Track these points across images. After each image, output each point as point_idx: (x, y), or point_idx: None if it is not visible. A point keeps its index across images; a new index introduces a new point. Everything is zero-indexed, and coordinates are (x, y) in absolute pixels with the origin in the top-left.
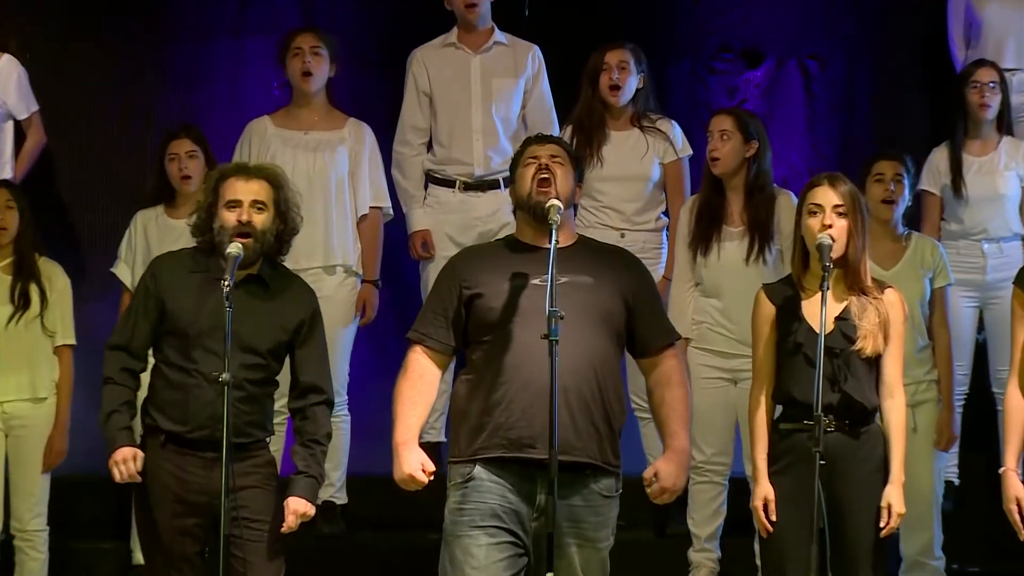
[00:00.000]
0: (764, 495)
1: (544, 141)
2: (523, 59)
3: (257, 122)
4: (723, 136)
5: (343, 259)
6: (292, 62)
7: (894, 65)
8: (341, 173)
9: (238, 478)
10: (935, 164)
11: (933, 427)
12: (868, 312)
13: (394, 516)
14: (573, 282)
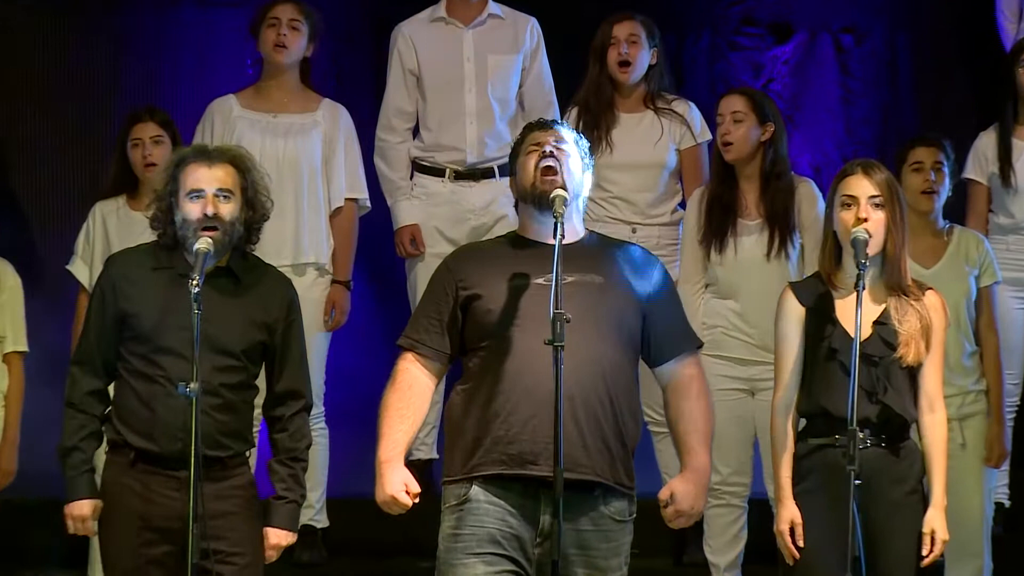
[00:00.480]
0: (791, 518)
1: (547, 126)
2: (520, 33)
3: (221, 101)
4: (735, 118)
5: (315, 257)
6: (266, 32)
7: (937, 39)
8: (314, 160)
9: (214, 502)
10: (982, 150)
11: (982, 442)
12: (909, 315)
13: (379, 541)
14: (581, 282)
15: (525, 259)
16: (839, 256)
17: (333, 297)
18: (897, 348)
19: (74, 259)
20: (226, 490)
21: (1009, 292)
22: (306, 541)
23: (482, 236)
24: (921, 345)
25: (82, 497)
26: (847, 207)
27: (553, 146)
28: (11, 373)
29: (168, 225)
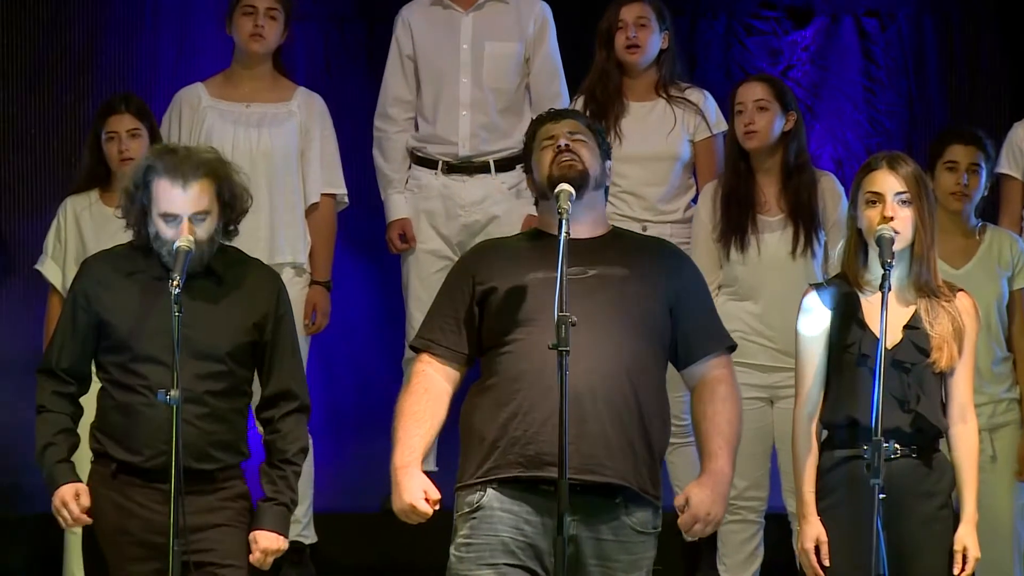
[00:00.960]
0: (815, 535)
1: (559, 116)
2: (525, 18)
3: (188, 90)
4: (759, 106)
5: (292, 255)
6: (241, 20)
7: (968, 23)
8: (289, 153)
9: (204, 515)
10: (1016, 143)
11: (1014, 454)
12: (941, 318)
13: (371, 559)
14: (604, 275)
15: (545, 254)
16: (865, 255)
17: (313, 299)
18: (930, 353)
19: (43, 258)
20: (216, 502)
21: None
22: (293, 558)
23: (475, 234)
24: (954, 349)
25: (66, 482)
26: (872, 204)
27: (568, 138)
28: None
29: (142, 227)
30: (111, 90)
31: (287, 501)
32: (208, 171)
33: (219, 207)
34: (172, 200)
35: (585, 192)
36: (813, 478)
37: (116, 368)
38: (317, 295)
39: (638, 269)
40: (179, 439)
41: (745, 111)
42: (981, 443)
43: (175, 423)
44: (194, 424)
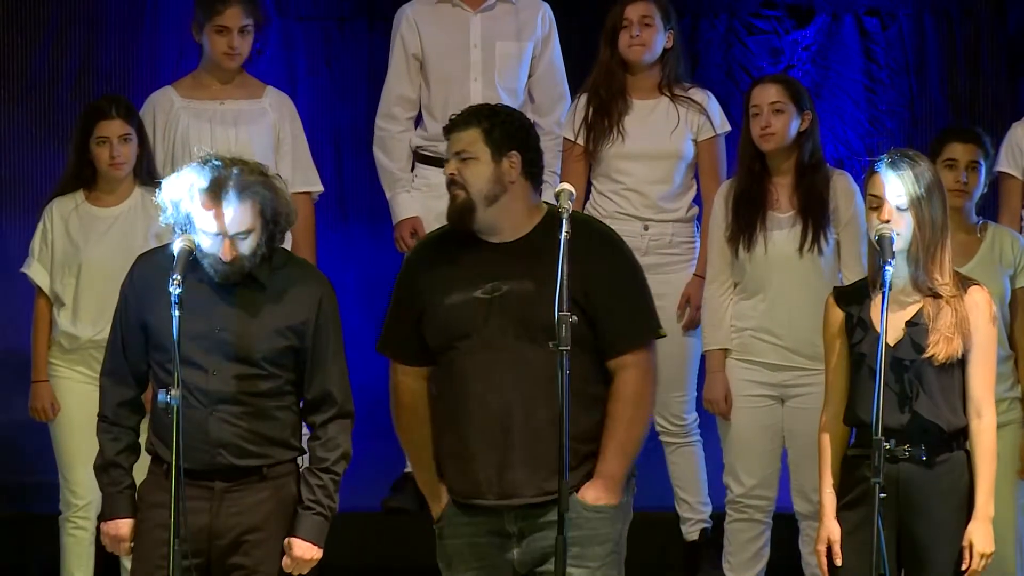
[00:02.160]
0: (827, 536)
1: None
2: (531, 19)
3: (159, 94)
4: (775, 108)
5: None
6: (215, 38)
7: (969, 21)
8: (266, 149)
9: (244, 515)
10: (1016, 142)
11: (1016, 453)
12: (943, 313)
13: (370, 558)
14: (512, 292)
15: (473, 265)
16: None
17: None
18: (926, 349)
19: (30, 261)
20: (261, 503)
21: None
22: None
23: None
24: (955, 342)
25: (121, 516)
26: (873, 208)
27: (454, 164)
28: None
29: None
30: (111, 90)
31: (325, 510)
32: (255, 193)
33: (262, 223)
34: (213, 222)
35: (484, 208)
36: (830, 480)
37: (160, 369)
38: None
39: (548, 279)
40: (180, 440)
41: (761, 113)
42: None
43: (176, 423)
44: (232, 423)
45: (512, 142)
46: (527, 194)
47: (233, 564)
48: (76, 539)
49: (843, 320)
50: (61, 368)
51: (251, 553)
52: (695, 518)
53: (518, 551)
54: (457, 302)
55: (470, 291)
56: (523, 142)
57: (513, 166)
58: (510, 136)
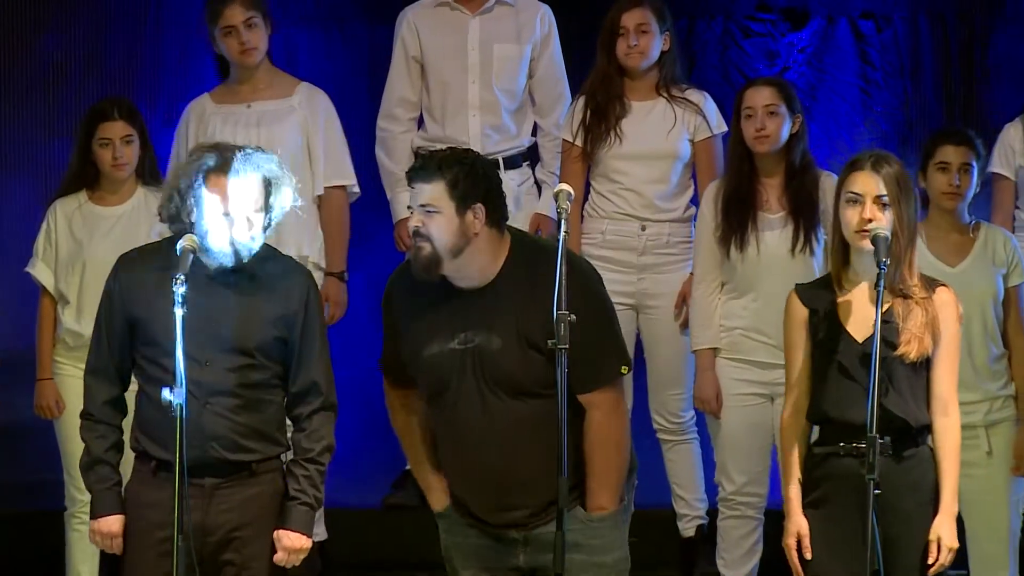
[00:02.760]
0: (797, 530)
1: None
2: (530, 21)
3: (196, 102)
4: (769, 110)
5: (296, 249)
6: (226, 41)
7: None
8: (293, 148)
9: (236, 511)
10: (1008, 143)
11: (1010, 450)
12: (914, 313)
13: (373, 553)
14: (481, 348)
15: (449, 312)
16: (846, 253)
17: (326, 291)
18: (898, 346)
19: (34, 261)
20: (251, 499)
21: None
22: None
23: None
24: (926, 340)
25: (111, 513)
26: (852, 204)
27: (419, 217)
28: None
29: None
30: (115, 91)
31: (311, 500)
32: (262, 167)
33: (265, 207)
34: (227, 195)
35: (450, 260)
36: (796, 475)
37: (150, 364)
38: (331, 286)
39: (511, 332)
40: (183, 437)
41: (755, 115)
42: (977, 439)
43: (179, 421)
44: (226, 416)
45: (476, 194)
46: (492, 239)
47: (224, 560)
48: (81, 534)
49: (807, 316)
50: (65, 366)
51: (241, 550)
52: (691, 515)
53: (524, 555)
54: (435, 353)
55: (447, 342)
56: (487, 191)
57: (477, 218)
58: (474, 187)
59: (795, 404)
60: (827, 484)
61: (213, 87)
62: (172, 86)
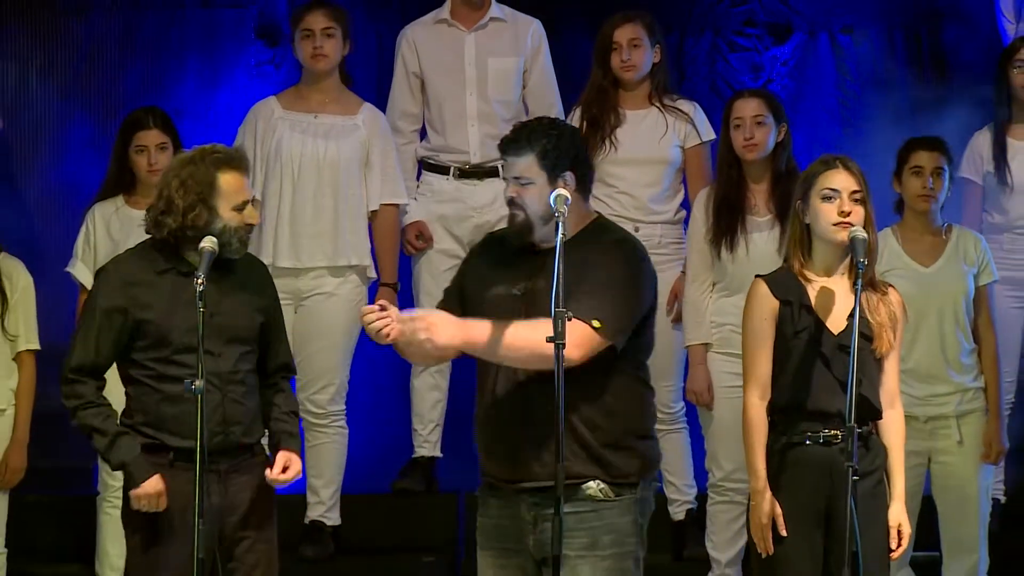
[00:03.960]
0: (770, 511)
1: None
2: (523, 36)
3: (263, 104)
4: (757, 121)
5: (356, 259)
6: (303, 44)
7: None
8: (353, 163)
9: (244, 491)
10: (977, 149)
11: (980, 439)
12: (880, 308)
13: (382, 537)
14: (536, 298)
15: (520, 265)
16: (810, 246)
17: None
18: (872, 339)
19: (74, 261)
20: (254, 478)
21: (1004, 291)
22: (314, 536)
23: (484, 234)
24: (891, 336)
25: (150, 475)
26: (829, 200)
27: (514, 188)
28: (23, 371)
29: (175, 228)
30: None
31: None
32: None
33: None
34: (242, 190)
35: (541, 226)
36: (764, 458)
37: (159, 363)
38: (385, 296)
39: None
40: (204, 426)
41: (744, 125)
42: (949, 428)
43: (200, 409)
44: (240, 402)
45: (565, 162)
46: (579, 205)
47: (242, 536)
48: (111, 518)
49: (778, 308)
50: None
51: (254, 525)
52: (681, 499)
53: (533, 538)
54: (497, 294)
55: (509, 288)
56: (575, 159)
57: (567, 185)
58: (563, 156)
59: (760, 391)
60: (793, 469)
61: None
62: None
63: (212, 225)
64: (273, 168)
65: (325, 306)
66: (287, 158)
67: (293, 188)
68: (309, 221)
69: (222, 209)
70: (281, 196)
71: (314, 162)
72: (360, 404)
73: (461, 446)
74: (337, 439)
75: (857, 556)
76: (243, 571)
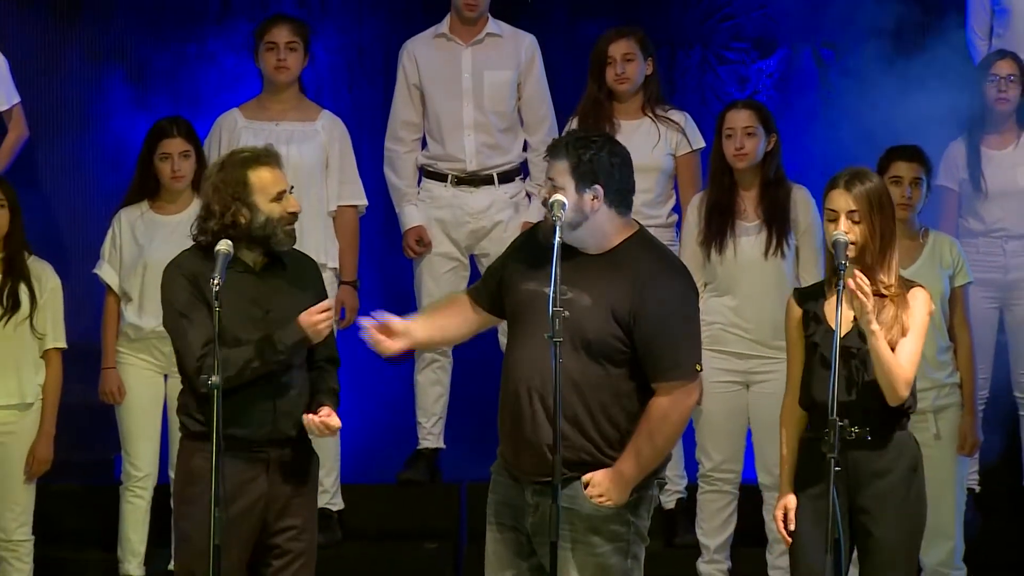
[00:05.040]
0: (785, 504)
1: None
2: (517, 50)
3: (226, 116)
4: (747, 131)
5: (316, 256)
6: (266, 56)
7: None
8: (315, 166)
9: (289, 481)
10: (953, 158)
11: (955, 432)
12: (886, 309)
13: (388, 524)
14: (571, 302)
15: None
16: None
17: (342, 298)
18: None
19: (101, 263)
20: (299, 469)
21: (979, 292)
22: (322, 524)
23: (481, 238)
24: (894, 333)
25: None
26: (831, 220)
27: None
28: (50, 368)
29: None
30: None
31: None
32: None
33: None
34: (279, 181)
35: (568, 231)
36: (788, 457)
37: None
38: (345, 293)
39: (602, 297)
40: (219, 417)
41: (735, 135)
42: (926, 423)
43: (215, 402)
44: (289, 396)
45: (596, 176)
46: (611, 218)
47: (286, 527)
48: (134, 506)
49: (801, 316)
50: (127, 356)
51: (298, 516)
52: (672, 489)
53: (530, 520)
54: (530, 289)
55: (543, 285)
56: (608, 175)
57: (595, 198)
58: (594, 171)
59: (792, 395)
60: (809, 465)
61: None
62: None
63: (255, 221)
64: None
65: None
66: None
67: None
68: None
69: (261, 203)
70: None
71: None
72: (367, 398)
73: (463, 438)
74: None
75: (839, 543)
76: (286, 560)
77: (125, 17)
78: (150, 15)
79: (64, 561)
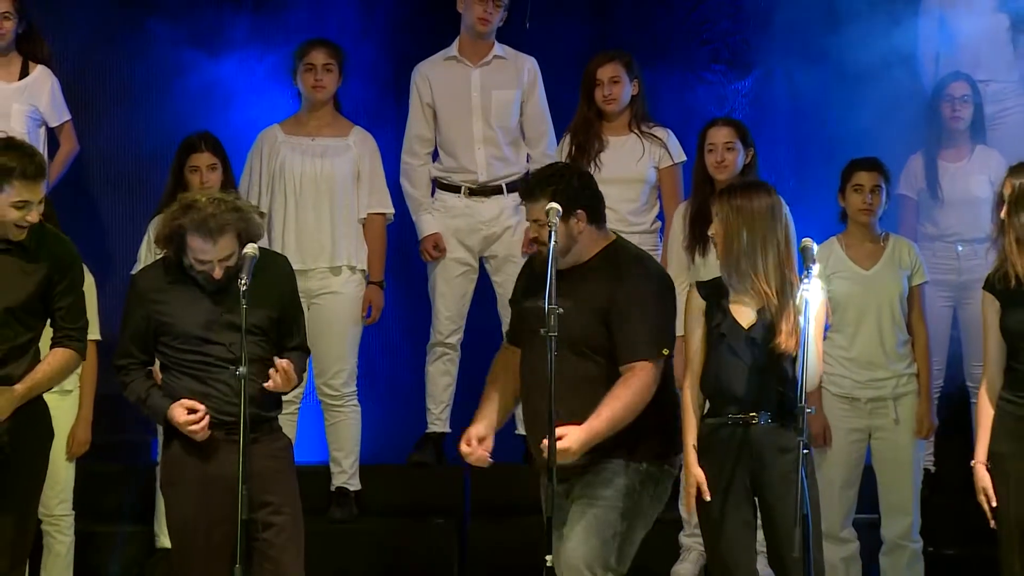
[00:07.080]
0: (696, 481)
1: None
2: (520, 71)
3: (268, 131)
4: (728, 147)
5: (347, 260)
6: (305, 76)
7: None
8: (347, 178)
9: (265, 459)
10: (912, 170)
11: (913, 418)
12: (787, 314)
13: (399, 501)
14: (564, 308)
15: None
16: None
17: (369, 296)
18: (775, 335)
19: (138, 266)
20: (276, 450)
21: (935, 291)
22: (340, 501)
23: (491, 244)
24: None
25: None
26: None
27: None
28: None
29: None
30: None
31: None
32: (231, 228)
33: (239, 246)
34: (205, 251)
35: (562, 256)
36: (694, 434)
37: (185, 352)
38: (373, 293)
39: (581, 299)
40: (246, 404)
41: (716, 150)
42: (886, 408)
43: (243, 390)
44: (254, 381)
45: (576, 202)
46: (592, 234)
47: (265, 501)
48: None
49: (705, 307)
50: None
51: (275, 490)
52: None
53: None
54: (529, 306)
55: (538, 300)
56: (586, 198)
57: (580, 221)
58: (573, 198)
59: (693, 376)
60: (717, 446)
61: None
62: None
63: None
64: (278, 184)
65: (333, 303)
66: (290, 175)
67: (296, 201)
68: (311, 228)
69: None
70: (286, 208)
71: (313, 178)
72: (380, 386)
73: (468, 423)
74: (352, 416)
75: (807, 518)
76: (271, 533)
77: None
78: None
79: (104, 535)
